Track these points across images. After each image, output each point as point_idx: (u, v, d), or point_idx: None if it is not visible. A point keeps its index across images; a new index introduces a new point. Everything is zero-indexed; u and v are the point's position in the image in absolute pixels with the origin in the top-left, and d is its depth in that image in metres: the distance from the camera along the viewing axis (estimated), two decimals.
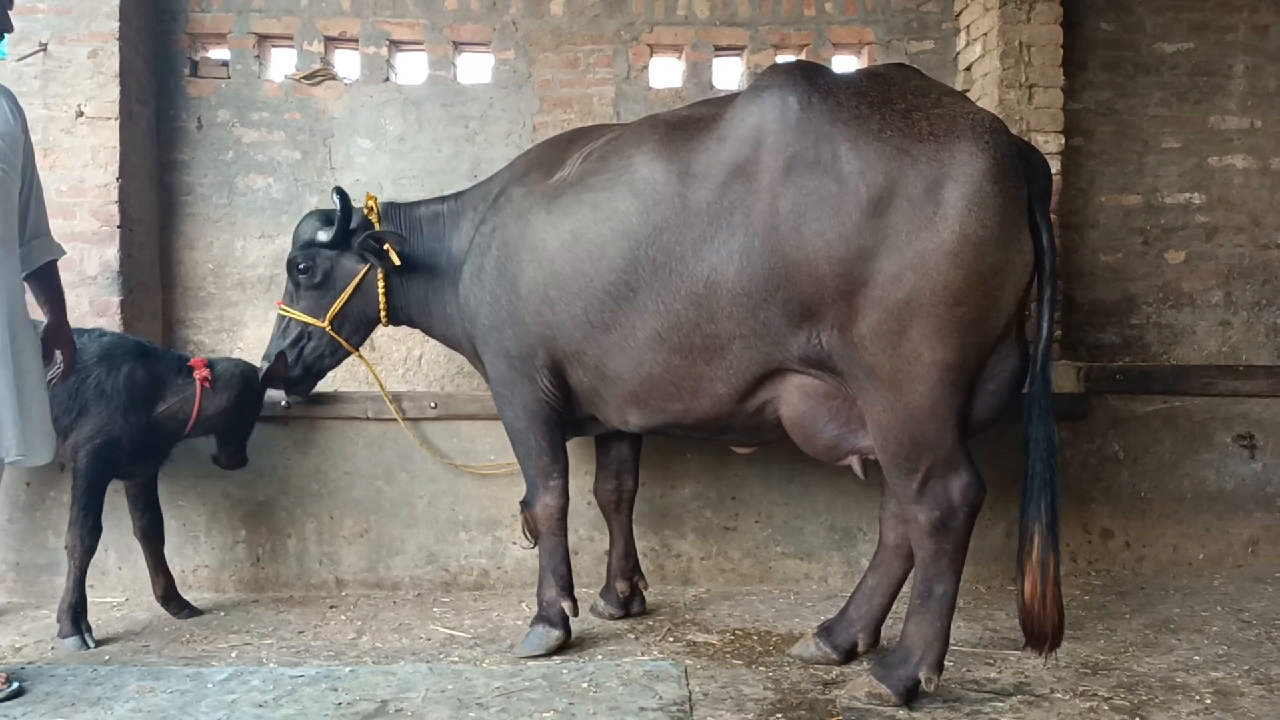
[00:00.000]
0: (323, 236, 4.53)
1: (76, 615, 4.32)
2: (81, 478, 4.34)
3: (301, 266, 4.57)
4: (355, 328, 4.68)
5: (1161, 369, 5.58)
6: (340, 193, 4.50)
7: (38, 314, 3.98)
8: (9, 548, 4.99)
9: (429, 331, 4.76)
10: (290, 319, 4.65)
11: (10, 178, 3.63)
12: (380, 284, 4.54)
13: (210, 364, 4.57)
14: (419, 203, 4.75)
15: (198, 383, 4.50)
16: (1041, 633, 3.47)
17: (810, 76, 3.56)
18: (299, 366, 4.68)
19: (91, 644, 4.28)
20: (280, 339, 4.67)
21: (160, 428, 4.51)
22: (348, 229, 4.49)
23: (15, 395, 3.57)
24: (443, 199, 4.73)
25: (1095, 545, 5.36)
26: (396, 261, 4.38)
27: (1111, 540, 5.37)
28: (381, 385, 5.05)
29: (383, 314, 4.60)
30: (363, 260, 4.51)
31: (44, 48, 5.39)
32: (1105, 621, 4.55)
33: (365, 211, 4.56)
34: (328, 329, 4.59)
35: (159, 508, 4.70)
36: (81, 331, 4.45)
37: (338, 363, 4.81)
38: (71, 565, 4.34)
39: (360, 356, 4.80)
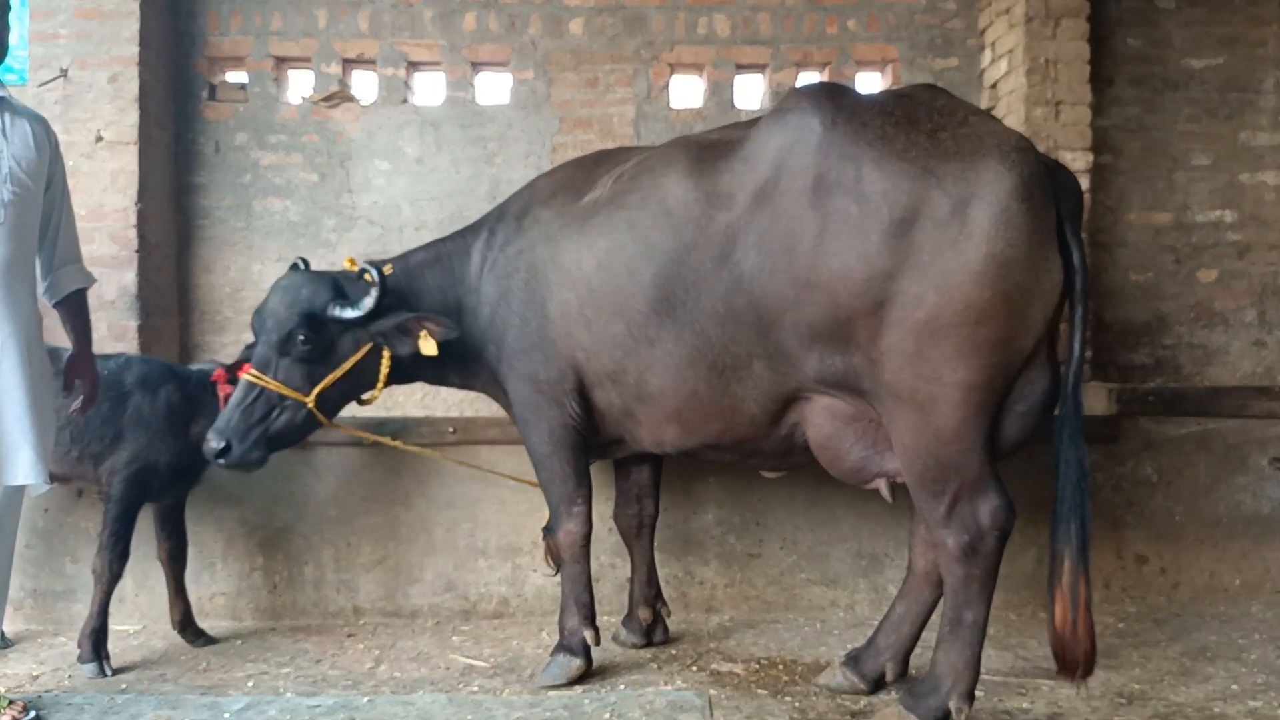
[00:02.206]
0: (347, 313, 4.09)
1: (97, 642, 4.29)
2: (116, 503, 4.32)
3: (302, 338, 4.06)
4: (338, 402, 4.27)
5: (1195, 390, 5.49)
6: (379, 270, 4.17)
7: (63, 340, 4.00)
8: (26, 574, 4.96)
9: (437, 379, 4.52)
10: (264, 389, 4.10)
11: (26, 202, 3.61)
12: (385, 363, 4.20)
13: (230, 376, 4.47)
14: (409, 254, 4.50)
15: (220, 399, 4.45)
16: (1073, 660, 3.39)
17: (834, 98, 3.55)
18: (261, 443, 4.12)
19: (109, 672, 4.25)
20: (243, 411, 4.08)
21: (197, 449, 4.44)
22: (380, 309, 4.14)
23: (33, 423, 3.56)
24: (440, 241, 4.52)
25: (1129, 571, 5.26)
26: (433, 351, 4.09)
27: (1146, 566, 5.26)
28: (366, 437, 4.82)
29: (378, 391, 4.29)
30: (376, 338, 4.17)
31: (64, 73, 5.42)
32: (1140, 650, 4.47)
33: (365, 279, 4.22)
34: (310, 405, 4.14)
35: (185, 533, 4.68)
36: (107, 357, 4.47)
37: (304, 437, 4.38)
38: (98, 590, 4.31)
39: (331, 426, 4.37)
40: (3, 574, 3.74)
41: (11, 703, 3.69)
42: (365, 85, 6.21)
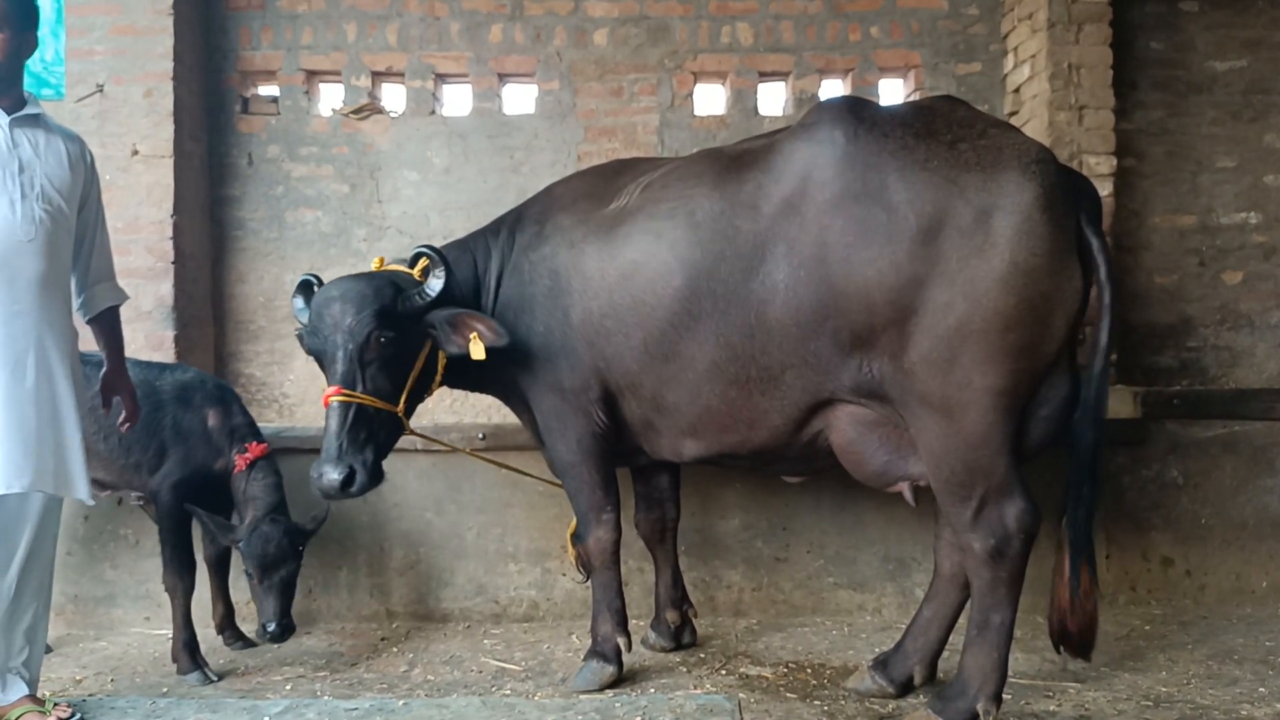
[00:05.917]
0: (418, 301, 3.92)
1: (192, 651, 4.35)
2: (168, 518, 4.37)
3: (384, 340, 3.84)
4: (411, 407, 4.10)
5: (1220, 393, 5.48)
6: (435, 250, 4.04)
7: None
8: (68, 580, 5.04)
9: (457, 381, 4.38)
10: (358, 405, 3.82)
11: (58, 220, 3.64)
12: (441, 361, 4.11)
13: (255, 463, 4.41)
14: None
15: (237, 461, 4.42)
16: (1065, 634, 3.58)
17: (857, 111, 3.59)
18: (377, 462, 3.90)
19: (214, 678, 4.30)
20: (349, 434, 3.79)
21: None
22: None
23: (56, 437, 3.59)
24: (460, 242, 4.46)
25: (1156, 574, 5.25)
26: (481, 356, 3.91)
27: (1172, 569, 5.26)
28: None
29: (435, 386, 4.20)
30: (429, 330, 4.00)
31: (100, 89, 5.53)
32: (1167, 652, 4.47)
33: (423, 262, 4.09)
34: (401, 413, 3.99)
35: None
36: (164, 366, 4.62)
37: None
38: (176, 605, 4.37)
39: (411, 433, 4.28)
40: (45, 581, 3.79)
41: (57, 704, 3.74)
42: (394, 97, 6.28)
